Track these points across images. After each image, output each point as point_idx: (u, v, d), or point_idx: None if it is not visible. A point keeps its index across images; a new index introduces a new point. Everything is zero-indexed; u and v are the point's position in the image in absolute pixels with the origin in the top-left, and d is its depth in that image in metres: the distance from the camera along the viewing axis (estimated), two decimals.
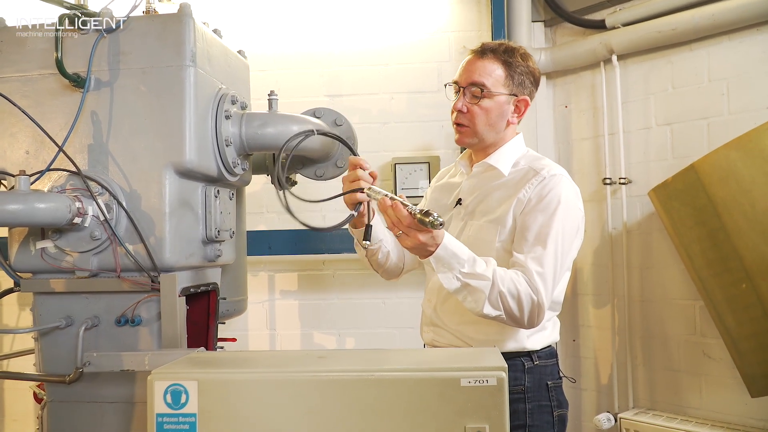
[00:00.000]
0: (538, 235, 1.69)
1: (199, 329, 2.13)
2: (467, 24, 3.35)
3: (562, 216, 1.70)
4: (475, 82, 1.80)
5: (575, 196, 1.78)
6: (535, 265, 1.65)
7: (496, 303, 1.62)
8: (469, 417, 1.16)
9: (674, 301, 2.89)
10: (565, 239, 1.72)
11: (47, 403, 1.86)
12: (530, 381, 1.79)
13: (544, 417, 1.80)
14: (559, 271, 1.71)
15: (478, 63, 1.82)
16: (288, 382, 1.21)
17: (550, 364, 1.85)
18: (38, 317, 1.84)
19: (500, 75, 1.81)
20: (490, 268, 1.63)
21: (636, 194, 3.01)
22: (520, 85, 1.83)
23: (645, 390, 2.99)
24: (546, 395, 1.81)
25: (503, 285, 1.61)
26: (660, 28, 2.80)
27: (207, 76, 1.86)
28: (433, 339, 1.90)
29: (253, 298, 3.43)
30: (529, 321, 1.66)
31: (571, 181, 1.79)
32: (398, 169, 3.26)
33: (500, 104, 1.82)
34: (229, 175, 1.97)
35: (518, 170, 1.83)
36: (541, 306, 1.64)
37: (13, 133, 1.82)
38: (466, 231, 1.84)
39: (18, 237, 1.81)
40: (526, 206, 1.73)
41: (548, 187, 1.73)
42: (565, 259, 1.73)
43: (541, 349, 1.82)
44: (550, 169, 1.78)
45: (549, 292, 1.66)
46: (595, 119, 3.19)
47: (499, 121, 1.83)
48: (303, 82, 3.42)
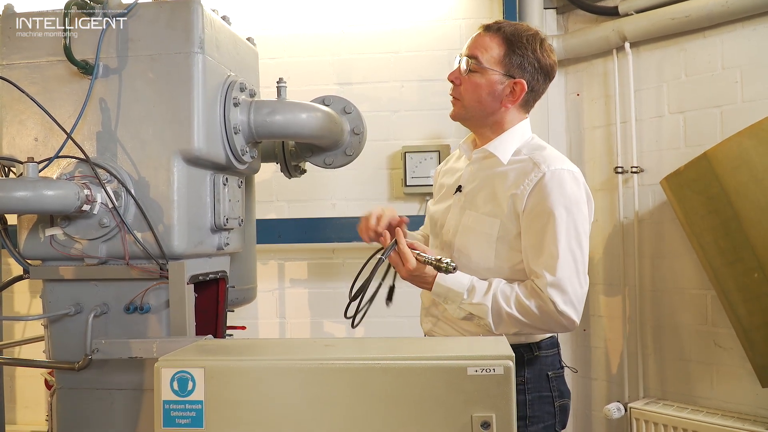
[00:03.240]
0: (545, 242, 1.65)
1: (208, 317, 2.14)
2: (479, 11, 3.31)
3: (566, 216, 1.66)
4: (471, 54, 1.77)
5: (578, 189, 1.71)
6: (548, 273, 1.63)
7: (508, 323, 1.65)
8: (476, 406, 1.15)
9: (686, 291, 2.86)
10: (577, 237, 1.67)
11: (57, 390, 1.88)
12: (530, 372, 1.77)
13: (544, 407, 1.78)
14: (581, 269, 1.67)
15: (480, 36, 1.79)
16: (294, 369, 1.20)
17: (551, 354, 1.83)
18: (48, 304, 1.84)
19: (498, 52, 1.76)
20: (489, 294, 1.66)
21: (648, 183, 2.98)
22: (519, 67, 1.76)
23: (656, 380, 2.98)
24: (546, 386, 1.79)
25: (508, 305, 1.64)
26: (673, 15, 2.76)
27: (215, 63, 1.85)
28: (432, 329, 1.90)
29: (263, 286, 3.44)
30: (554, 329, 1.70)
31: (573, 173, 1.71)
32: (408, 157, 3.25)
33: (491, 82, 1.76)
34: (237, 162, 1.96)
35: (519, 159, 1.76)
36: (563, 312, 1.62)
37: (22, 120, 1.82)
38: (463, 220, 1.81)
39: (27, 224, 1.81)
40: (526, 208, 1.68)
41: (549, 187, 1.67)
42: (581, 254, 1.68)
43: (541, 340, 1.80)
44: (550, 163, 1.70)
45: (571, 295, 1.63)
46: (607, 107, 3.16)
47: (489, 99, 1.77)
48: (313, 70, 3.41)
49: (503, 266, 1.74)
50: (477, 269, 1.75)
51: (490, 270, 1.74)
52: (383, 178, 3.37)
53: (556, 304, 1.61)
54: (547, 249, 1.65)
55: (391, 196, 3.35)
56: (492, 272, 1.74)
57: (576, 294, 1.65)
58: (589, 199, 1.75)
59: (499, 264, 1.74)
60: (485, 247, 1.74)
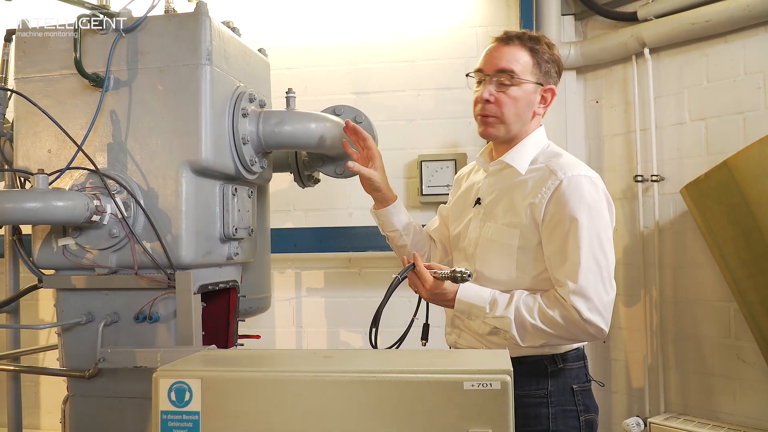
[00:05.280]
0: (567, 250, 1.62)
1: (220, 326, 2.15)
2: (495, 18, 3.29)
3: (587, 222, 1.62)
4: (504, 68, 1.72)
5: (597, 194, 1.68)
6: (570, 281, 1.60)
7: (534, 335, 1.63)
8: (472, 421, 1.13)
9: (708, 303, 2.79)
10: (599, 242, 1.64)
11: (69, 398, 1.90)
12: (554, 385, 1.73)
13: (569, 422, 1.74)
14: (606, 275, 1.63)
15: (505, 49, 1.75)
16: (290, 381, 1.20)
17: (577, 367, 1.78)
18: (61, 313, 1.87)
19: (528, 62, 1.73)
20: (511, 306, 1.64)
21: (669, 192, 2.92)
22: (546, 73, 1.75)
23: (677, 394, 2.90)
24: (571, 399, 1.75)
25: (532, 317, 1.62)
26: (693, 20, 2.71)
27: (223, 74, 1.86)
28: (456, 341, 1.87)
29: (279, 295, 3.46)
30: (582, 338, 1.68)
31: (591, 178, 1.69)
32: (424, 166, 3.24)
33: (528, 93, 1.74)
34: (247, 173, 1.97)
35: (535, 168, 1.74)
36: (588, 321, 1.59)
37: (36, 132, 1.86)
38: (483, 233, 1.79)
39: (41, 234, 1.84)
40: (545, 217, 1.66)
41: (567, 194, 1.64)
42: (605, 260, 1.65)
43: (566, 352, 1.76)
44: (567, 170, 1.68)
45: (595, 302, 1.60)
46: (626, 114, 3.11)
47: (526, 111, 1.75)
48: (330, 80, 3.42)
49: (525, 277, 1.71)
50: (499, 280, 1.73)
51: (512, 281, 1.72)
52: (399, 187, 3.36)
53: (580, 313, 1.58)
54: (569, 257, 1.62)
55: (407, 205, 3.33)
56: (515, 283, 1.71)
57: (601, 301, 1.61)
58: (610, 205, 1.72)
59: (521, 274, 1.72)
60: (506, 258, 1.72)
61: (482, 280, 1.76)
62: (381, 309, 1.67)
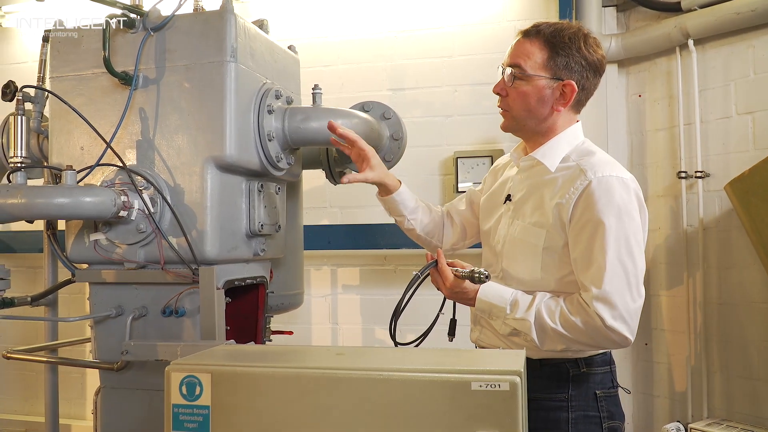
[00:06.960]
0: (593, 254, 1.57)
1: (250, 322, 2.16)
2: (533, 11, 3.22)
3: (615, 225, 1.56)
4: (513, 63, 1.70)
5: (628, 196, 1.61)
6: (594, 287, 1.55)
7: (554, 339, 1.59)
8: (480, 422, 1.10)
9: (755, 305, 2.67)
10: (628, 247, 1.57)
11: (101, 389, 1.95)
12: (575, 389, 1.68)
13: (590, 428, 1.68)
14: (633, 282, 1.56)
15: (520, 44, 1.72)
16: (298, 377, 1.19)
17: (601, 372, 1.72)
18: (92, 306, 1.92)
19: (541, 56, 1.68)
20: (532, 309, 1.60)
21: (714, 189, 2.81)
22: (565, 68, 1.68)
23: (721, 399, 2.79)
24: (594, 405, 1.69)
25: (553, 321, 1.58)
26: (739, 10, 2.59)
27: (249, 71, 1.87)
28: (479, 338, 1.84)
29: (316, 291, 3.48)
30: (605, 346, 1.65)
31: (623, 179, 1.61)
32: (460, 163, 3.19)
33: (539, 88, 1.68)
34: (273, 169, 1.98)
35: (567, 166, 1.69)
36: (611, 328, 1.53)
37: (70, 129, 1.91)
38: (511, 231, 1.75)
39: (74, 230, 1.89)
40: (572, 218, 1.61)
41: (596, 195, 1.58)
42: (633, 266, 1.57)
43: (590, 356, 1.70)
44: (597, 170, 1.61)
45: (621, 309, 1.53)
46: (670, 108, 3.00)
47: (539, 106, 1.70)
48: (366, 76, 3.41)
49: (550, 278, 1.66)
50: (524, 280, 1.69)
51: (536, 281, 1.68)
52: (435, 184, 3.33)
53: (603, 320, 1.53)
54: (594, 261, 1.56)
55: (442, 202, 3.29)
56: (539, 284, 1.67)
57: (627, 308, 1.55)
58: (642, 207, 1.64)
59: (545, 276, 1.67)
60: (531, 258, 1.68)
61: (508, 279, 1.73)
62: (401, 303, 1.67)
